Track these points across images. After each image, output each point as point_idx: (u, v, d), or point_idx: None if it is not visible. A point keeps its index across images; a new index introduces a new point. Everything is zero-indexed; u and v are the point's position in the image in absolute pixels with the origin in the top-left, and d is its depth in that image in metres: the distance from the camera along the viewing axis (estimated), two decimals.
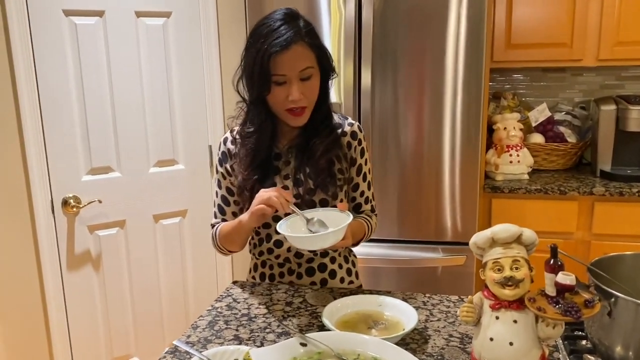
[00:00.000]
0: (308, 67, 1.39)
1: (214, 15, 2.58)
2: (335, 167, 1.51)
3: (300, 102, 1.40)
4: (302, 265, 1.57)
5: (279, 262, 1.58)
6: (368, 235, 1.59)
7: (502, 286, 0.89)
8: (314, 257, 1.56)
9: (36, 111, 2.26)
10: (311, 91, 1.43)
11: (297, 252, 1.55)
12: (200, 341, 1.24)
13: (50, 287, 2.39)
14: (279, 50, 1.34)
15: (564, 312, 0.82)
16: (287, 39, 1.35)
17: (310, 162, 1.48)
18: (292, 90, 1.38)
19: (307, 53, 1.39)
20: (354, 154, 1.56)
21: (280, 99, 1.40)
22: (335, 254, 1.59)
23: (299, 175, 1.49)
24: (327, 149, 1.48)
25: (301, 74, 1.39)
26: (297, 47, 1.37)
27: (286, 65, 1.36)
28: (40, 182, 2.30)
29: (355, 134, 1.56)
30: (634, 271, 1.12)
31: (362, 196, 1.60)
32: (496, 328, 0.90)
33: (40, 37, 2.23)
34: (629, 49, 2.64)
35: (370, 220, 1.60)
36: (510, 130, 2.68)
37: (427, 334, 1.25)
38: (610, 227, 2.52)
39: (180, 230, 2.69)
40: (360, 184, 1.59)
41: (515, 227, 0.92)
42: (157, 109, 2.52)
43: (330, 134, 1.50)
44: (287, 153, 1.52)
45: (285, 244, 1.53)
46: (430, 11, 2.36)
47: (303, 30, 1.39)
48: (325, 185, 1.48)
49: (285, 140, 1.53)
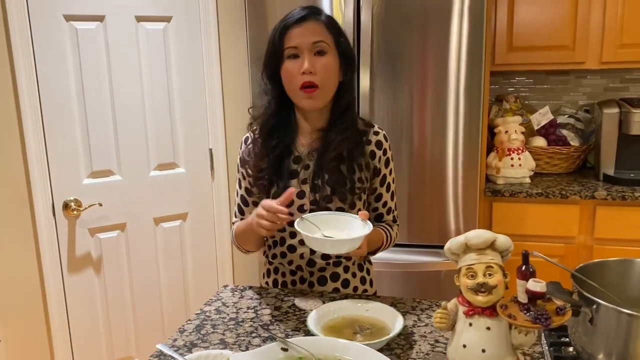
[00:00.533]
0: (321, 41, 1.39)
1: (214, 19, 2.59)
2: (356, 175, 1.47)
3: (312, 76, 1.38)
4: (314, 274, 1.54)
5: (291, 269, 1.56)
6: (387, 245, 1.57)
7: (475, 292, 0.89)
8: (326, 266, 1.53)
9: (37, 115, 2.28)
10: (325, 69, 1.39)
11: (310, 260, 1.52)
12: (186, 345, 1.25)
13: (51, 290, 2.41)
14: (293, 23, 1.38)
15: (534, 319, 0.82)
16: (302, 15, 1.39)
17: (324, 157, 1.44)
18: (304, 60, 1.37)
19: (323, 30, 1.40)
20: (379, 164, 1.52)
21: (293, 73, 1.39)
22: (349, 263, 1.56)
23: (316, 181, 1.46)
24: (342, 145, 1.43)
25: (314, 47, 1.38)
26: (312, 22, 1.40)
27: (299, 37, 1.38)
28: (41, 185, 2.33)
29: (380, 144, 1.52)
30: (619, 277, 1.11)
31: (384, 207, 1.57)
32: (469, 335, 0.89)
33: (42, 41, 2.25)
34: (632, 51, 2.62)
35: (391, 231, 1.57)
36: (512, 134, 2.66)
37: (413, 339, 1.25)
38: (612, 232, 2.50)
39: (180, 234, 2.70)
40: (383, 194, 1.56)
41: (488, 233, 0.91)
42: (158, 112, 2.54)
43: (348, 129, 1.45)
44: (307, 157, 1.49)
45: (298, 249, 1.51)
46: (430, 14, 2.35)
47: (323, 15, 1.43)
48: (342, 193, 1.44)
49: (306, 141, 1.50)
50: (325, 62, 1.39)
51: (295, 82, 1.40)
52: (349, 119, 1.48)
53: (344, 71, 1.46)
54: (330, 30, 1.42)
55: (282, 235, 1.53)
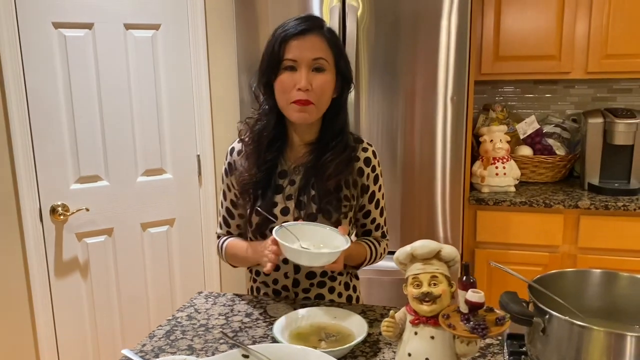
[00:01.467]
0: (321, 58, 1.35)
1: (203, 27, 2.62)
2: (342, 192, 1.44)
3: (308, 94, 1.34)
4: (299, 295, 1.53)
5: (274, 289, 1.55)
6: (372, 260, 1.54)
7: (420, 302, 0.90)
8: (310, 287, 1.53)
9: (25, 121, 2.31)
10: (321, 86, 1.36)
11: (295, 280, 1.52)
12: (153, 350, 1.26)
13: (38, 294, 2.43)
14: (294, 34, 1.34)
15: (472, 329, 0.83)
16: (305, 27, 1.35)
17: (318, 180, 1.42)
18: (300, 76, 1.33)
19: (324, 47, 1.36)
20: (366, 182, 1.49)
21: (287, 86, 1.35)
22: (334, 283, 1.55)
23: (302, 197, 1.44)
24: (338, 169, 1.41)
25: (313, 63, 1.35)
26: (314, 37, 1.35)
27: (298, 51, 1.34)
28: (28, 190, 2.35)
29: (369, 161, 1.49)
30: (575, 287, 1.12)
31: (372, 223, 1.55)
32: (414, 344, 0.91)
33: (30, 48, 2.28)
34: (617, 61, 2.63)
35: (377, 246, 1.55)
36: (497, 143, 2.68)
37: (378, 347, 1.26)
38: (596, 241, 2.51)
39: (168, 239, 2.72)
40: (372, 211, 1.53)
41: (434, 244, 0.93)
42: (146, 119, 2.56)
43: (344, 152, 1.43)
44: (293, 171, 1.46)
45: (282, 268, 1.51)
46: (416, 23, 2.38)
47: (325, 27, 1.39)
48: (328, 211, 1.42)
49: (294, 155, 1.47)
50: (322, 80, 1.36)
51: (288, 96, 1.36)
52: (344, 140, 1.44)
53: (339, 88, 1.43)
54: (332, 47, 1.38)
55: None
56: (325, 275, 1.54)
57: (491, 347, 1.25)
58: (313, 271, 1.52)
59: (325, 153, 1.42)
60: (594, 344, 0.94)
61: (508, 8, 2.69)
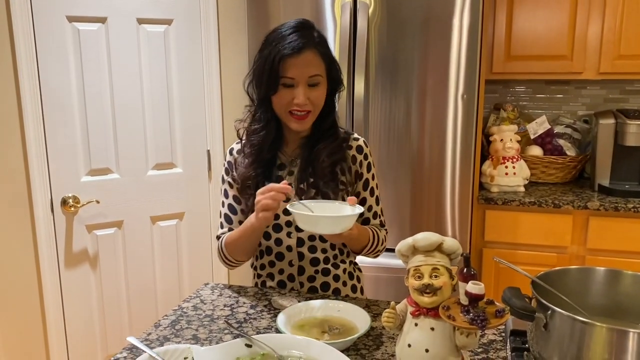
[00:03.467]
0: (317, 75, 1.45)
1: (215, 23, 2.64)
2: (339, 177, 1.52)
3: (305, 106, 1.44)
4: (305, 285, 1.57)
5: (279, 280, 1.58)
6: (374, 245, 1.57)
7: (420, 293, 0.91)
8: (315, 275, 1.56)
9: (38, 113, 2.34)
10: (317, 98, 1.47)
11: (300, 267, 1.55)
12: (158, 339, 1.28)
13: (48, 285, 2.47)
14: (290, 53, 1.40)
15: (471, 320, 0.84)
16: (299, 44, 1.41)
17: (314, 166, 1.50)
18: (298, 93, 1.42)
19: (318, 61, 1.45)
20: (360, 169, 1.57)
21: (285, 101, 1.44)
22: (338, 271, 1.59)
23: (302, 185, 1.51)
24: (331, 152, 1.50)
25: (309, 80, 1.44)
26: (309, 53, 1.43)
27: (296, 69, 1.41)
28: (40, 182, 2.38)
29: (361, 148, 1.58)
30: (579, 285, 1.12)
31: (370, 210, 1.59)
32: (414, 335, 0.92)
33: (44, 41, 2.31)
34: (630, 62, 2.62)
35: (379, 232, 1.59)
36: (507, 142, 2.67)
37: (381, 340, 1.27)
38: (605, 243, 2.49)
39: (177, 233, 2.74)
40: (367, 198, 1.59)
41: (436, 236, 0.93)
42: (157, 113, 2.59)
43: (335, 141, 1.53)
44: (291, 164, 1.55)
45: (286, 256, 1.54)
46: (427, 21, 2.38)
47: (316, 39, 1.46)
48: (327, 194, 1.49)
49: (290, 149, 1.56)
50: (318, 93, 1.46)
51: (286, 107, 1.45)
52: (334, 133, 1.55)
53: (330, 90, 1.52)
54: (324, 58, 1.47)
55: (268, 245, 1.56)
56: (328, 262, 1.57)
57: (494, 343, 1.25)
58: (317, 257, 1.55)
59: (318, 144, 1.52)
60: (595, 340, 0.94)
61: (520, 7, 2.68)
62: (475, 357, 1.18)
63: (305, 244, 1.54)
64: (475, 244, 2.61)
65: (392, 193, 2.52)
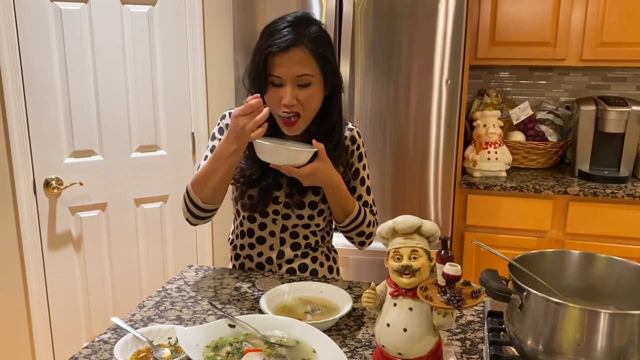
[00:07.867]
0: (306, 74, 1.35)
1: (199, 3, 2.62)
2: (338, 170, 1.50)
3: (294, 107, 1.36)
4: (283, 267, 1.58)
5: (258, 262, 1.59)
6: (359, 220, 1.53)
7: (399, 274, 0.93)
8: (294, 258, 1.58)
9: (20, 94, 2.31)
10: (307, 100, 1.38)
11: (280, 251, 1.56)
12: (142, 319, 1.29)
13: (31, 267, 2.46)
14: (275, 51, 1.33)
15: (448, 300, 0.86)
16: (288, 41, 1.33)
17: None
18: (285, 93, 1.35)
19: (308, 60, 1.35)
20: (351, 158, 1.55)
21: (275, 101, 1.37)
22: (316, 254, 1.61)
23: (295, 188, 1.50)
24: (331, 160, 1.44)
25: (298, 80, 1.35)
26: (297, 51, 1.34)
27: (282, 68, 1.34)
28: (22, 163, 2.36)
29: (354, 139, 1.56)
30: (555, 267, 1.15)
31: (360, 200, 1.57)
32: (393, 314, 0.94)
33: (25, 21, 2.28)
34: (612, 50, 2.65)
35: (366, 211, 1.56)
36: (489, 127, 2.70)
37: (362, 321, 1.29)
38: (584, 227, 2.54)
39: (161, 215, 2.74)
40: (357, 187, 1.57)
41: (415, 219, 0.95)
42: (141, 95, 2.57)
43: (335, 150, 1.46)
44: None
45: (268, 240, 1.55)
46: (412, 6, 2.38)
47: (310, 36, 1.36)
48: (316, 188, 1.50)
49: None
50: (308, 94, 1.37)
51: (276, 109, 1.39)
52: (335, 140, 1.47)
53: (329, 89, 1.43)
54: (316, 57, 1.36)
55: (251, 227, 1.56)
56: (309, 246, 1.59)
57: (472, 324, 1.28)
58: (298, 243, 1.57)
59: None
60: (568, 321, 0.96)
61: None
62: (454, 337, 1.21)
63: (289, 230, 1.55)
64: (457, 227, 2.65)
65: (375, 177, 2.53)
